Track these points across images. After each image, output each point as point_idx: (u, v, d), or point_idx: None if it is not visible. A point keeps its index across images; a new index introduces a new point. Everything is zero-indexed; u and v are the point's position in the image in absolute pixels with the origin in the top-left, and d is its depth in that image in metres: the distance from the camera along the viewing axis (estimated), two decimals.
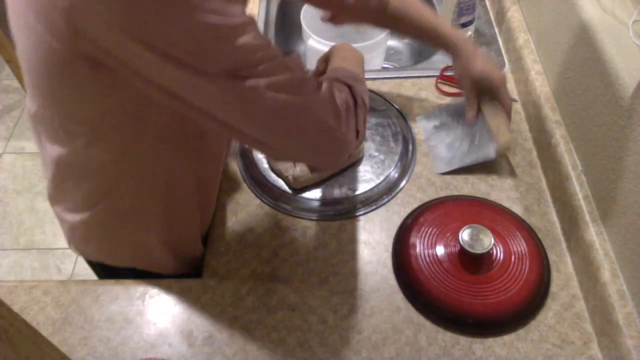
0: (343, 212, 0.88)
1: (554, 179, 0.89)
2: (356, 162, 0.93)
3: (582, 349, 0.74)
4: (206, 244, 0.86)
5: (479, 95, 0.91)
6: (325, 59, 0.86)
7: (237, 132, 0.59)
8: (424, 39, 0.91)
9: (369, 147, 0.96)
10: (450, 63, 1.10)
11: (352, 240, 0.85)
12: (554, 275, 0.81)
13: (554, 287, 0.79)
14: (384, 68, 1.32)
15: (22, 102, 2.43)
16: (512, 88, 1.06)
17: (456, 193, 0.90)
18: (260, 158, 0.94)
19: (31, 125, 0.71)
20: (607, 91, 0.76)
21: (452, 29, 0.88)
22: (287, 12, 1.29)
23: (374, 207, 0.89)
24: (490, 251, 0.76)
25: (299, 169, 0.89)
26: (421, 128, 0.99)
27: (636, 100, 0.69)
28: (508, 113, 0.90)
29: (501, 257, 0.79)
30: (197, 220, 0.82)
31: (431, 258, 0.79)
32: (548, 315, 0.77)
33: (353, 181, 0.91)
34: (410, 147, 0.96)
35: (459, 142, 0.94)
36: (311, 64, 1.24)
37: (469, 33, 1.16)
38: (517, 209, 0.88)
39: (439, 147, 0.95)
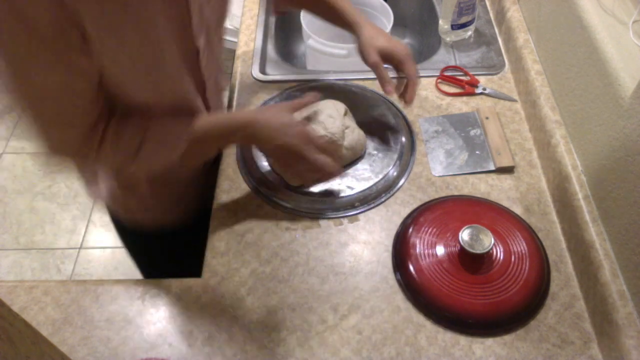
0: (342, 211, 0.88)
1: (554, 179, 0.89)
2: (358, 159, 0.94)
3: (582, 349, 0.74)
4: (206, 242, 0.86)
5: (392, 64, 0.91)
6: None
7: None
8: (333, 21, 0.94)
9: (368, 145, 0.96)
10: (450, 63, 1.11)
11: (352, 240, 0.85)
12: (554, 275, 0.81)
13: (554, 287, 0.79)
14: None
15: None
16: (512, 88, 1.06)
17: (456, 193, 0.90)
18: (260, 157, 0.94)
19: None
20: (607, 91, 0.76)
21: (358, 15, 0.91)
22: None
23: (373, 205, 0.89)
24: (490, 251, 0.76)
25: None
26: (421, 129, 0.99)
27: (636, 100, 0.69)
28: (412, 86, 0.89)
29: (501, 257, 0.79)
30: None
31: (431, 258, 0.80)
32: (548, 315, 0.77)
33: (352, 179, 0.91)
34: (410, 146, 0.97)
35: (458, 151, 0.96)
36: (311, 64, 1.25)
37: (469, 33, 1.16)
38: (517, 209, 0.88)
39: (438, 151, 0.96)
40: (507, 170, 0.93)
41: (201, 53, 0.76)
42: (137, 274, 1.15)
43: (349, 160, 0.92)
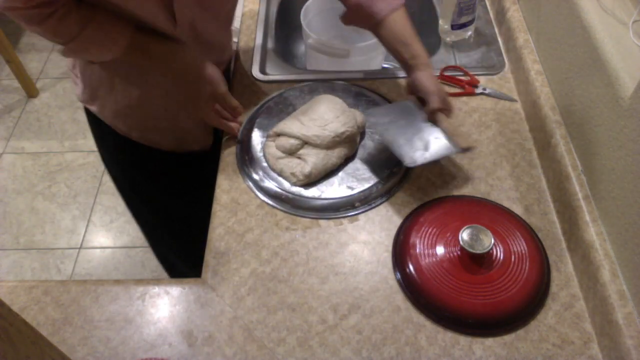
0: (342, 211, 0.88)
1: (554, 179, 0.89)
2: (351, 157, 0.94)
3: (582, 349, 0.74)
4: (205, 243, 0.86)
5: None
6: None
7: None
8: (394, 53, 0.95)
9: (368, 145, 0.96)
10: (450, 63, 1.11)
11: (352, 240, 0.85)
12: (554, 275, 0.81)
13: (554, 287, 0.79)
14: (384, 68, 1.32)
15: (22, 102, 2.43)
16: (512, 88, 1.06)
17: (456, 193, 0.90)
18: (260, 157, 0.94)
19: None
20: (607, 91, 0.76)
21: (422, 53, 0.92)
22: (287, 12, 1.29)
23: (373, 205, 0.89)
24: (490, 251, 0.76)
25: (299, 169, 0.89)
26: (372, 122, 0.95)
27: (636, 100, 0.69)
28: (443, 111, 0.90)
29: (501, 257, 0.79)
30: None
31: (431, 258, 0.80)
32: (548, 315, 0.77)
33: (352, 180, 0.91)
34: None
35: (417, 137, 0.89)
36: (311, 64, 1.25)
37: (469, 33, 1.16)
38: (517, 209, 0.88)
39: (399, 141, 0.89)
40: (469, 150, 0.94)
41: None
42: (136, 274, 1.15)
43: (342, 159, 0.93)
